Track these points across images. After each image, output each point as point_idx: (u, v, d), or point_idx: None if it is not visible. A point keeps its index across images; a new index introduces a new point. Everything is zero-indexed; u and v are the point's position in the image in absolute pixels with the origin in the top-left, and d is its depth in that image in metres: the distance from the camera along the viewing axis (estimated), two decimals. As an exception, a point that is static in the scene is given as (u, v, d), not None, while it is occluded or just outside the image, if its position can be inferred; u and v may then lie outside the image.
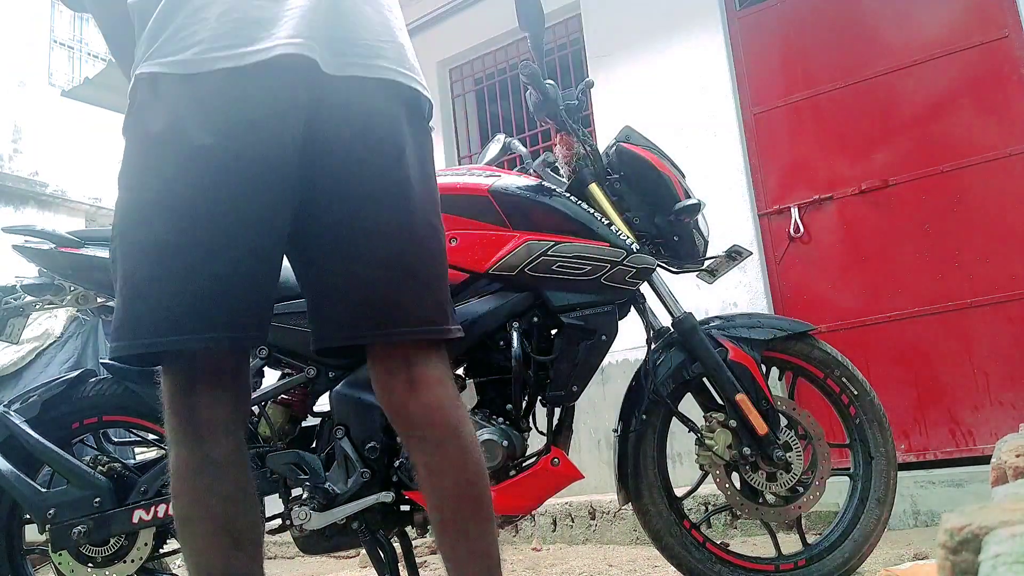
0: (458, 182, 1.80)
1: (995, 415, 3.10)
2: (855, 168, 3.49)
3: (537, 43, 1.77)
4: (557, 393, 1.73)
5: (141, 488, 1.67)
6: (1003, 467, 1.08)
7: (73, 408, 1.77)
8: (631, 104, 3.96)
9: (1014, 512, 0.59)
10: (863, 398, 1.86)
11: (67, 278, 1.74)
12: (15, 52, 8.19)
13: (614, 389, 3.44)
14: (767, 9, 3.79)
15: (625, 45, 4.08)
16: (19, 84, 8.19)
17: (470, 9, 4.65)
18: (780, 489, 1.78)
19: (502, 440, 1.64)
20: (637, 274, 1.74)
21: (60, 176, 8.23)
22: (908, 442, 3.23)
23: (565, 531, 3.32)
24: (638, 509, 1.83)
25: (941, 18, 3.39)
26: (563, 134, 1.88)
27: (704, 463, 1.80)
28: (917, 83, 3.41)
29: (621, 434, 1.83)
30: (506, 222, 1.74)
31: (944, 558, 0.59)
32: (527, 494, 1.69)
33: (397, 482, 1.68)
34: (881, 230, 3.41)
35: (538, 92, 1.81)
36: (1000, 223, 3.18)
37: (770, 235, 3.66)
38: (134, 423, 1.84)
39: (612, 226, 1.76)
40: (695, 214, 1.85)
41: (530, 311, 1.74)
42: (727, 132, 3.73)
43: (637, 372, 1.87)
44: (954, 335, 3.22)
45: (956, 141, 3.30)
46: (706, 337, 1.81)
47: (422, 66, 1.22)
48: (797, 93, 3.67)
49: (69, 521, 1.63)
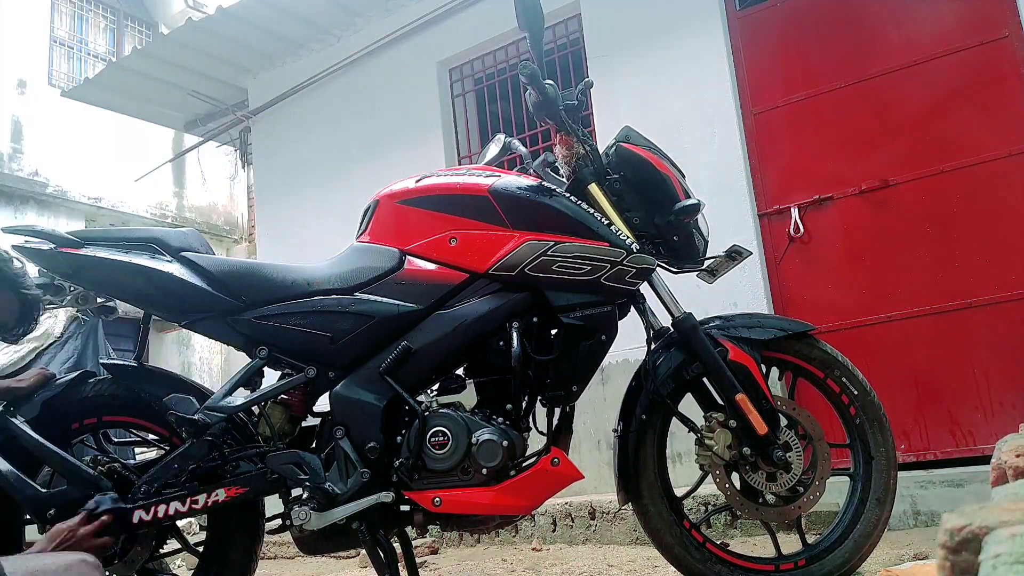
0: (458, 182, 1.80)
1: (995, 415, 3.10)
2: (855, 168, 3.49)
3: (537, 43, 1.77)
4: (557, 393, 1.73)
5: (141, 488, 1.67)
6: (1003, 467, 1.08)
7: (73, 408, 1.77)
8: (631, 104, 3.96)
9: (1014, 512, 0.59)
10: (863, 398, 1.86)
11: (67, 278, 1.74)
12: (15, 52, 8.19)
13: (614, 389, 3.44)
14: (767, 9, 3.79)
15: (625, 45, 4.08)
16: (19, 84, 8.19)
17: (470, 9, 4.65)
18: (780, 489, 1.78)
19: (502, 440, 1.64)
20: (637, 274, 1.74)
21: (60, 176, 8.23)
22: (908, 442, 3.23)
23: (565, 531, 3.32)
24: (638, 509, 1.83)
25: (941, 18, 3.39)
26: (563, 134, 1.88)
27: (704, 463, 1.80)
28: (917, 83, 3.40)
29: (621, 434, 1.83)
30: (506, 222, 1.74)
31: (944, 558, 0.59)
32: (527, 494, 1.69)
33: (397, 482, 1.68)
34: (881, 230, 3.41)
35: (538, 92, 1.81)
36: (1000, 223, 3.18)
37: (770, 235, 3.66)
38: (134, 423, 1.84)
39: (612, 226, 1.76)
40: (695, 214, 1.85)
41: (530, 311, 1.74)
42: (727, 132, 3.73)
43: (637, 372, 1.87)
44: (954, 335, 3.22)
45: (956, 141, 3.30)
46: (706, 337, 1.81)
47: (422, 66, 1.22)
48: (797, 93, 3.67)
49: (69, 521, 1.62)
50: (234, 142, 6.32)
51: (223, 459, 1.68)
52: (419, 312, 1.72)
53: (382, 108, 4.97)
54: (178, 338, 9.16)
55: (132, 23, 9.80)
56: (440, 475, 1.66)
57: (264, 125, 5.65)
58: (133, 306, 1.76)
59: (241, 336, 1.74)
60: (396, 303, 1.72)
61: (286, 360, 1.74)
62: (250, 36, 5.17)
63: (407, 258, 1.77)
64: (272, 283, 1.75)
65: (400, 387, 1.69)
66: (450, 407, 1.71)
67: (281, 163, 5.49)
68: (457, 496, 1.65)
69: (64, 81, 8.51)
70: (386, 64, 4.97)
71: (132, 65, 5.46)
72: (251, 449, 1.70)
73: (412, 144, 4.78)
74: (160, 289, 1.71)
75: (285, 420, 1.76)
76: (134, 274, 1.70)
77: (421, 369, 1.72)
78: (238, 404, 1.70)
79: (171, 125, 6.44)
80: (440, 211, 1.78)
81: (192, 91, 5.71)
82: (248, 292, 1.73)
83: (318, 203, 5.16)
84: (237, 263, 1.80)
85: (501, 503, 1.66)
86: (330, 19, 5.07)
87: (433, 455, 1.65)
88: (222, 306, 1.72)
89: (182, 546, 1.87)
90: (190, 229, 1.90)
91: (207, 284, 1.72)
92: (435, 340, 1.71)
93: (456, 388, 1.78)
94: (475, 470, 1.65)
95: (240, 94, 5.82)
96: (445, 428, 1.66)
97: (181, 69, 5.45)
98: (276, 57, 5.48)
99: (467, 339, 1.72)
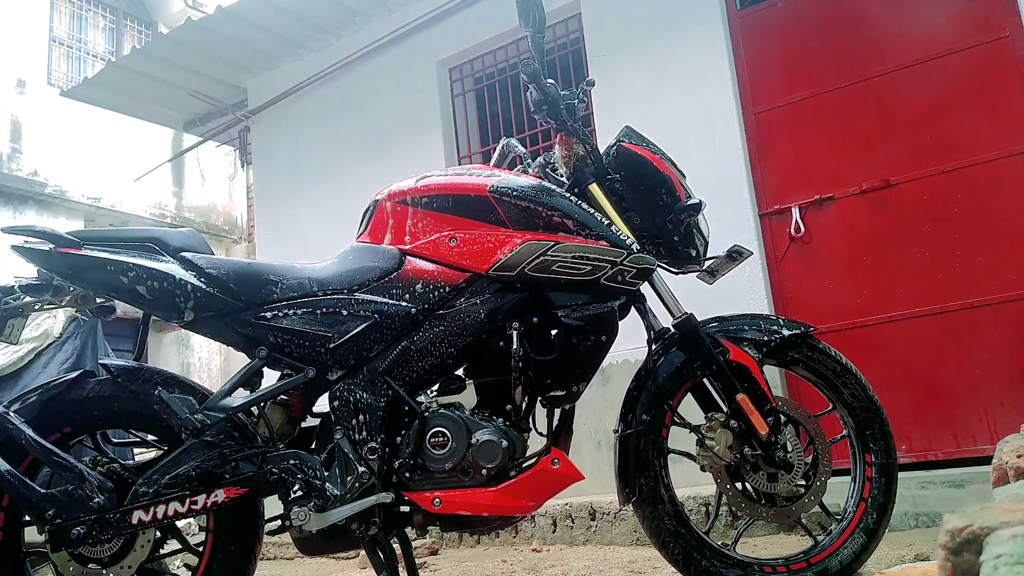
0: (458, 182, 1.80)
1: (996, 415, 3.10)
2: (856, 168, 3.49)
3: (537, 42, 1.77)
4: (557, 393, 1.73)
5: (140, 489, 1.66)
6: (1004, 467, 1.08)
7: (72, 409, 1.77)
8: (631, 104, 3.96)
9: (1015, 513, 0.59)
10: (863, 398, 1.86)
11: (66, 278, 1.74)
12: (14, 52, 8.19)
13: (614, 389, 3.44)
14: (768, 9, 3.79)
15: (625, 45, 4.08)
16: (18, 84, 8.19)
17: (470, 9, 4.65)
18: (781, 489, 1.78)
19: (502, 441, 1.64)
20: (637, 274, 1.73)
21: (59, 176, 8.23)
22: (909, 442, 3.23)
23: (565, 532, 3.32)
24: (639, 510, 1.82)
25: (942, 18, 3.39)
26: (563, 134, 1.87)
27: (705, 464, 1.80)
28: (918, 83, 3.40)
29: (621, 434, 1.83)
30: (506, 222, 1.74)
31: (945, 559, 0.59)
32: (527, 495, 1.69)
33: (397, 483, 1.68)
34: (882, 230, 3.41)
35: (539, 91, 1.81)
36: (1000, 223, 3.18)
37: (770, 235, 3.65)
38: (133, 423, 1.83)
39: (612, 226, 1.76)
40: (696, 214, 1.85)
41: (530, 311, 1.74)
42: (727, 132, 3.73)
43: (637, 372, 1.87)
44: (954, 335, 3.22)
45: (957, 141, 3.29)
46: (707, 338, 1.81)
47: (422, 66, 1.22)
48: (797, 93, 3.67)
49: (68, 522, 1.62)
50: (233, 142, 6.32)
51: (222, 460, 1.68)
52: (419, 312, 1.72)
53: (382, 108, 4.97)
54: (177, 338, 9.16)
55: (131, 23, 9.80)
56: (440, 476, 1.66)
57: (263, 125, 5.65)
58: (132, 306, 1.75)
59: (240, 336, 1.74)
60: (396, 303, 1.72)
61: (286, 360, 1.73)
62: (249, 36, 5.17)
63: (407, 258, 1.77)
64: (271, 283, 1.75)
65: (400, 387, 1.68)
66: (450, 408, 1.70)
67: (281, 163, 5.49)
68: (457, 497, 1.65)
69: (63, 81, 8.51)
70: (386, 64, 4.97)
71: (131, 64, 5.46)
72: (250, 450, 1.70)
73: (412, 144, 4.78)
74: (159, 289, 1.70)
75: (285, 421, 1.76)
76: (133, 274, 1.70)
77: (421, 370, 1.72)
78: (237, 404, 1.70)
79: (170, 125, 6.44)
80: (440, 211, 1.78)
81: (191, 91, 5.71)
82: (247, 292, 1.73)
83: (317, 203, 5.16)
84: (236, 263, 1.80)
85: (501, 504, 1.66)
86: (330, 19, 5.07)
87: (433, 456, 1.65)
88: (221, 306, 1.72)
89: (182, 546, 1.87)
90: (189, 229, 1.89)
91: (206, 284, 1.72)
92: (435, 340, 1.71)
93: (456, 389, 1.78)
94: (475, 471, 1.65)
95: (239, 94, 5.82)
96: (445, 428, 1.66)
97: (180, 69, 5.45)
98: (275, 57, 5.47)
99: (467, 339, 1.71)
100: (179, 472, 1.66)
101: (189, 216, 9.43)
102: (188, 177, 9.56)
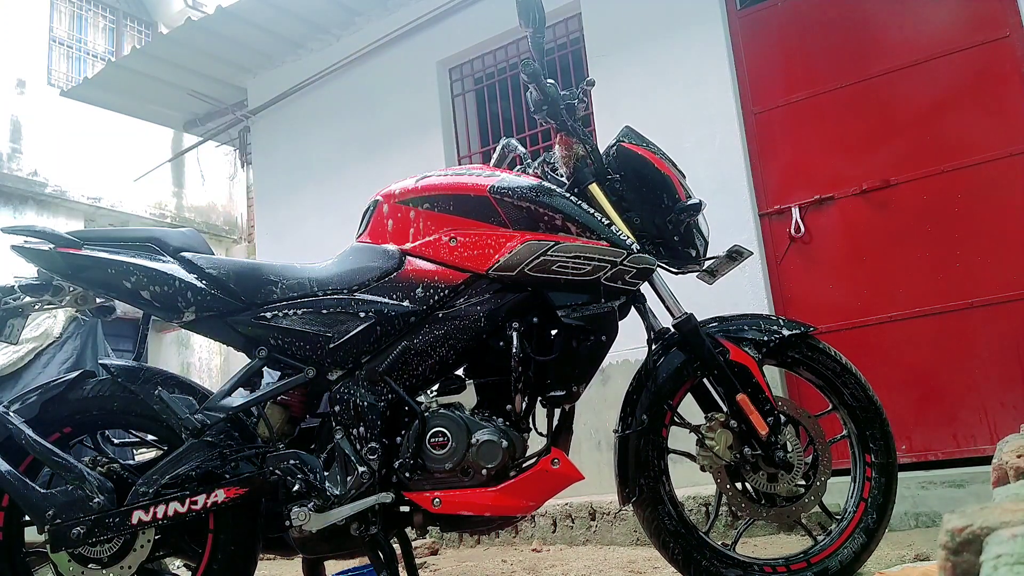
0: (458, 182, 1.80)
1: (996, 415, 3.10)
2: (856, 168, 3.49)
3: (537, 42, 1.77)
4: (557, 393, 1.73)
5: (140, 489, 1.66)
6: (1004, 467, 1.08)
7: (72, 409, 1.77)
8: (631, 104, 3.96)
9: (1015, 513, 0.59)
10: (863, 398, 1.86)
11: (66, 278, 1.74)
12: (15, 52, 8.19)
13: (614, 389, 3.44)
14: (767, 9, 3.79)
15: (625, 45, 4.08)
16: (18, 84, 8.19)
17: (470, 9, 4.65)
18: (781, 489, 1.78)
19: (502, 440, 1.64)
20: (637, 274, 1.73)
21: (59, 176, 8.23)
22: (909, 442, 3.23)
23: (565, 532, 3.32)
24: (639, 510, 1.82)
25: (941, 18, 3.39)
26: (563, 134, 1.88)
27: (705, 464, 1.80)
28: (918, 83, 3.40)
29: (621, 434, 1.83)
30: (506, 222, 1.74)
31: (945, 559, 0.59)
32: (527, 495, 1.69)
33: (397, 483, 1.68)
34: (882, 230, 3.41)
35: (539, 91, 1.81)
36: (1000, 223, 3.18)
37: (770, 235, 3.65)
38: (133, 423, 1.83)
39: (612, 226, 1.76)
40: (696, 214, 1.85)
41: (530, 311, 1.74)
42: (727, 132, 3.73)
43: (637, 372, 1.87)
44: (954, 335, 3.22)
45: (957, 141, 3.29)
46: (707, 338, 1.81)
47: (422, 66, 1.22)
48: (798, 93, 3.67)
49: (68, 522, 1.62)
50: (233, 142, 6.32)
51: (222, 460, 1.68)
52: (419, 312, 1.72)
53: (382, 108, 4.97)
54: (177, 339, 9.17)
55: (131, 23, 9.80)
56: (440, 476, 1.66)
57: (263, 125, 5.65)
58: (132, 306, 1.75)
59: (240, 336, 1.74)
60: (396, 303, 1.72)
61: (285, 360, 1.73)
62: (250, 36, 5.17)
63: (407, 258, 1.77)
64: (271, 283, 1.75)
65: (400, 387, 1.68)
66: (450, 408, 1.70)
67: (280, 163, 5.49)
68: (457, 497, 1.65)
69: (63, 81, 8.51)
70: (386, 64, 4.97)
71: (131, 64, 5.46)
72: (250, 450, 1.70)
73: (412, 144, 4.78)
74: (159, 289, 1.70)
75: (284, 421, 1.76)
76: (133, 274, 1.70)
77: (421, 370, 1.72)
78: (237, 404, 1.70)
79: (170, 125, 6.44)
80: (440, 211, 1.78)
81: (191, 91, 5.71)
82: (247, 292, 1.73)
83: (318, 203, 5.16)
84: (236, 263, 1.80)
85: (501, 504, 1.66)
86: (330, 18, 5.07)
87: (433, 456, 1.65)
88: (221, 306, 1.72)
89: (182, 546, 1.87)
90: (189, 229, 1.89)
91: (206, 284, 1.72)
92: (435, 340, 1.71)
93: (456, 389, 1.78)
94: (475, 471, 1.65)
95: (239, 94, 5.82)
96: (445, 428, 1.66)
97: (180, 68, 5.45)
98: (276, 56, 5.47)
99: (467, 339, 1.71)
100: (179, 472, 1.66)
101: (189, 216, 9.43)
102: (188, 177, 9.56)
